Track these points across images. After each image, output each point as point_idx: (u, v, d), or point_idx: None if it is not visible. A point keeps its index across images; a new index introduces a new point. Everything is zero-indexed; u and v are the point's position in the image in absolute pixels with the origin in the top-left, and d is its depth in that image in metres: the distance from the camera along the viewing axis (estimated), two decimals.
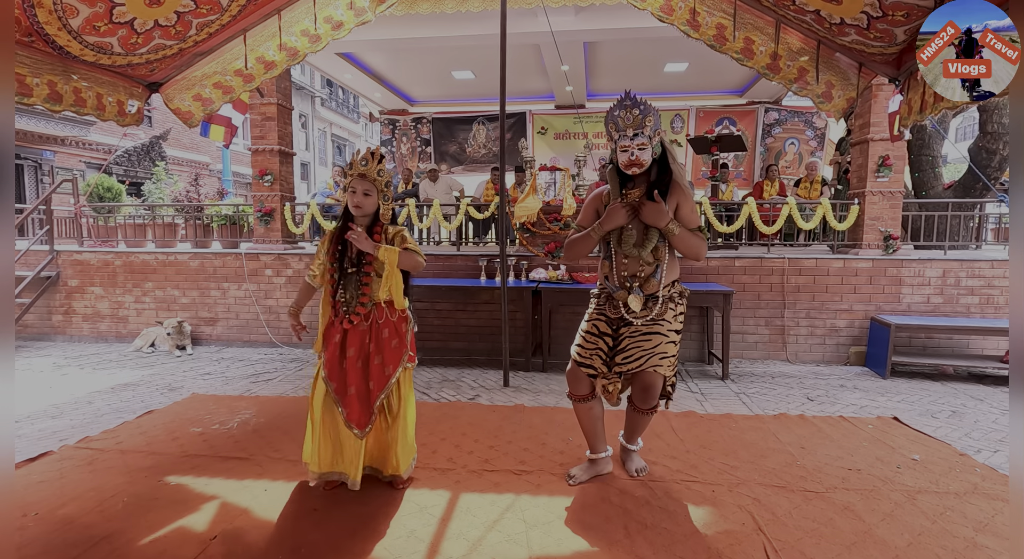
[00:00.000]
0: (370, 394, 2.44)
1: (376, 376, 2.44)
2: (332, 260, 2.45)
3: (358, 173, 2.39)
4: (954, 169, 16.20)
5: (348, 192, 2.41)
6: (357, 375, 2.44)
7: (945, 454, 3.05)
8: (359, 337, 2.45)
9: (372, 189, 2.41)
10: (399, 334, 2.50)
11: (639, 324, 2.42)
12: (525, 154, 6.50)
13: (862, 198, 5.47)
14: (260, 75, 3.72)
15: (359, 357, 2.45)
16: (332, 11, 3.58)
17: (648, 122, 2.34)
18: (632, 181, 2.44)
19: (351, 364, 2.43)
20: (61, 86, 3.03)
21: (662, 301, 2.41)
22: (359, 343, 2.45)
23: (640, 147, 2.33)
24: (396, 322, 2.51)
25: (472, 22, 6.80)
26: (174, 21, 3.17)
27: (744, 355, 5.40)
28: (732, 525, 2.29)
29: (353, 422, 2.41)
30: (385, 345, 2.46)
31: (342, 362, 2.44)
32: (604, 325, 2.51)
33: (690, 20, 3.44)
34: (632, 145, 2.33)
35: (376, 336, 2.46)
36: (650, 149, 2.35)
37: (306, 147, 23.78)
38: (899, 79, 3.17)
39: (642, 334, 2.42)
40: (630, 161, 2.35)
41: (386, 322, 2.47)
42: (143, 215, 6.84)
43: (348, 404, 2.41)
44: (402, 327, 2.52)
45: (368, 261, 2.40)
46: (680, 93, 10.46)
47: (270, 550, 2.10)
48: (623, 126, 2.36)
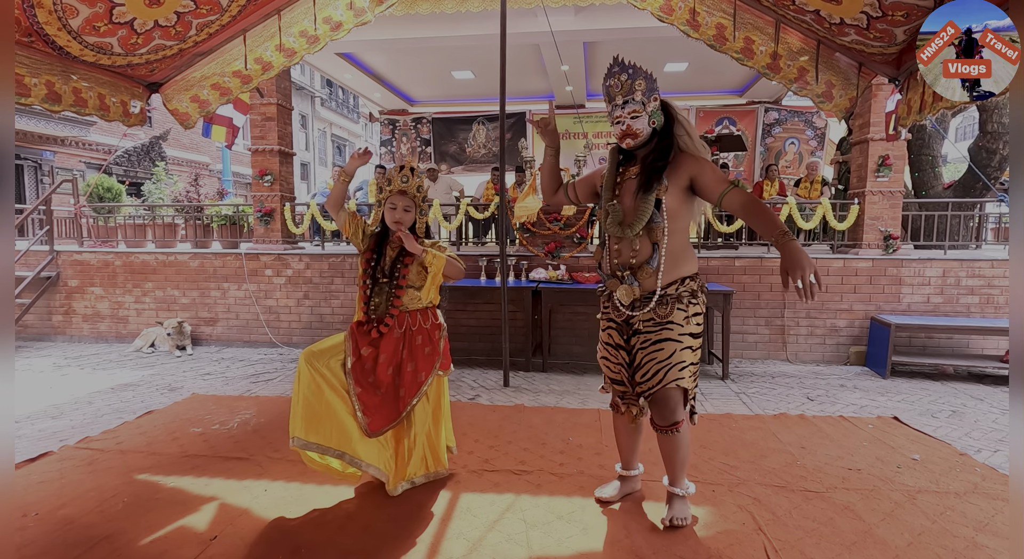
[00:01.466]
0: (399, 401, 2.42)
1: (408, 383, 2.43)
2: (365, 267, 2.46)
3: (398, 189, 2.41)
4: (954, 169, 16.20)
5: (387, 207, 2.43)
6: (388, 379, 2.42)
7: (945, 454, 3.05)
8: (393, 343, 2.44)
9: (412, 205, 2.45)
10: (432, 341, 2.51)
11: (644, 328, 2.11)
12: (525, 154, 6.50)
13: (862, 198, 5.47)
14: (258, 76, 3.72)
15: (390, 363, 2.43)
16: (331, 11, 3.58)
17: (638, 86, 2.05)
18: (633, 156, 2.18)
19: (382, 369, 2.41)
20: (60, 86, 3.03)
21: (668, 300, 2.07)
22: (392, 349, 2.43)
23: (632, 115, 2.06)
24: (429, 329, 2.52)
25: (472, 22, 6.80)
26: (174, 21, 3.17)
27: (744, 355, 5.40)
28: (732, 525, 2.29)
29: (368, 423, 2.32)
30: (418, 352, 2.46)
31: (374, 366, 2.41)
32: (616, 334, 2.23)
33: (690, 20, 3.44)
34: (623, 114, 2.08)
35: (409, 343, 2.46)
36: (645, 116, 2.07)
37: (306, 147, 23.77)
38: (899, 79, 3.17)
39: (652, 344, 2.09)
40: (623, 132, 2.09)
41: (419, 329, 2.48)
42: (143, 215, 6.84)
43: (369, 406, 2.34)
44: (435, 334, 2.53)
45: (403, 274, 2.42)
46: (680, 93, 10.45)
47: (270, 550, 2.10)
48: (613, 94, 2.11)
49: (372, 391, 2.38)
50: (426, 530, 2.24)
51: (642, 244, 2.08)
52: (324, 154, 25.94)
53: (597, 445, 3.13)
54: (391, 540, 2.17)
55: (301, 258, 5.93)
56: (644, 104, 2.07)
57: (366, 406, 2.35)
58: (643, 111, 2.08)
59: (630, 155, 2.20)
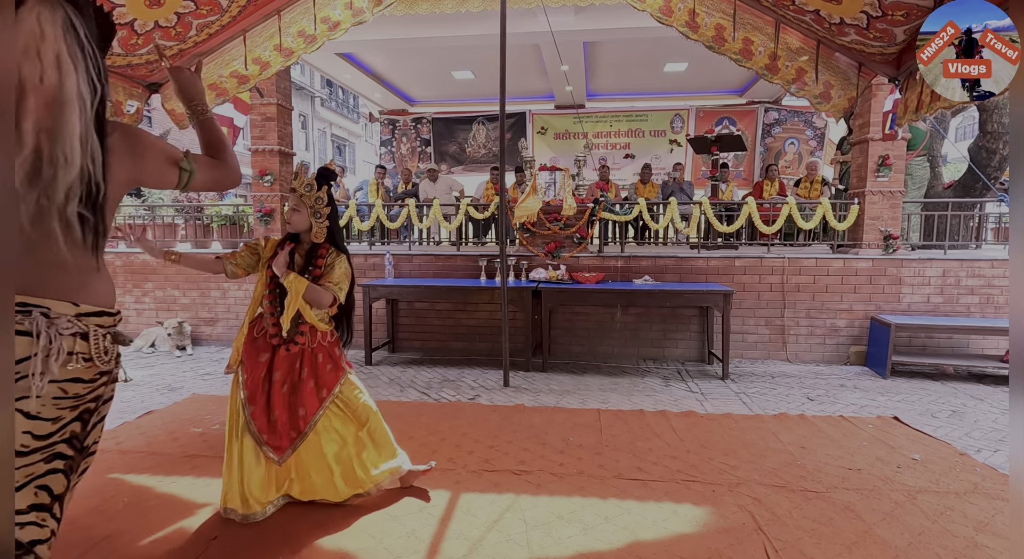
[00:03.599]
0: (298, 420, 2.31)
1: (309, 401, 2.31)
2: (271, 276, 2.29)
3: (290, 187, 2.30)
4: (954, 169, 16.19)
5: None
6: (282, 401, 2.30)
7: (945, 454, 3.05)
8: (288, 361, 2.31)
9: (300, 205, 2.28)
10: (333, 359, 2.40)
11: None
12: (525, 154, 6.49)
13: (862, 198, 5.47)
14: (255, 76, 3.73)
15: (285, 382, 2.31)
16: (330, 11, 3.59)
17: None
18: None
19: (276, 388, 2.29)
20: None
21: None
22: (287, 367, 2.31)
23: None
24: (329, 346, 2.40)
25: (472, 22, 6.80)
26: (174, 22, 3.17)
27: (744, 355, 5.40)
28: (732, 525, 2.29)
29: (272, 447, 2.27)
30: (320, 369, 2.35)
31: (265, 385, 2.29)
32: None
33: (689, 21, 3.44)
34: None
35: (310, 361, 2.34)
36: None
37: (306, 147, 23.77)
38: (899, 79, 3.18)
39: None
40: None
41: (319, 347, 2.36)
42: (143, 215, 6.84)
43: (266, 430, 2.27)
44: (335, 351, 2.42)
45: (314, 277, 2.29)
46: (680, 93, 10.46)
47: (270, 550, 2.10)
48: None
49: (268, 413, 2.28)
50: (426, 530, 2.24)
51: None
52: (324, 154, 25.95)
53: (597, 445, 3.13)
54: (391, 540, 2.17)
55: None
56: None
57: (261, 427, 2.26)
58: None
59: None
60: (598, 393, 4.23)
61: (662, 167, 10.20)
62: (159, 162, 1.32)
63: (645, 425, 3.46)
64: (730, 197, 7.44)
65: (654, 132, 10.61)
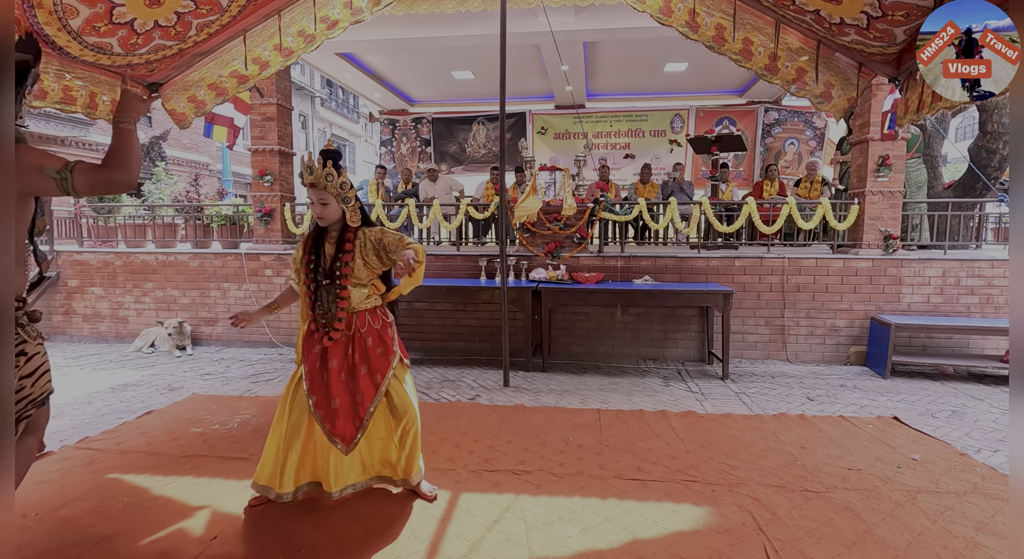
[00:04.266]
0: (358, 407, 2.31)
1: (364, 387, 2.32)
2: (306, 272, 2.32)
3: (308, 183, 2.25)
4: (954, 169, 16.19)
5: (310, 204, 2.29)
6: (341, 388, 2.31)
7: (945, 454, 3.05)
8: (341, 348, 2.33)
9: (327, 197, 2.25)
10: (384, 342, 2.38)
11: None
12: (525, 154, 6.49)
13: (862, 198, 5.47)
14: (255, 76, 3.72)
15: (342, 369, 2.32)
16: (329, 11, 3.58)
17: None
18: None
19: (334, 376, 2.30)
20: (48, 84, 3.01)
21: None
22: (341, 354, 2.33)
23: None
24: (380, 329, 2.39)
25: (472, 22, 6.80)
26: (174, 22, 3.17)
27: (744, 355, 5.40)
28: (732, 525, 2.29)
29: (338, 436, 2.27)
30: (371, 354, 2.34)
31: (323, 374, 2.31)
32: None
33: (689, 21, 3.44)
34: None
35: (360, 346, 2.34)
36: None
37: (306, 147, 23.75)
38: (899, 79, 3.17)
39: None
40: None
41: (369, 330, 2.36)
42: (143, 215, 6.84)
43: (330, 418, 2.28)
44: (387, 333, 2.41)
45: (344, 272, 2.27)
46: (680, 93, 10.46)
47: (270, 550, 2.10)
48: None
49: (328, 401, 2.29)
50: (426, 530, 2.24)
51: None
52: None
53: (597, 445, 3.13)
54: (391, 540, 2.17)
55: None
56: None
57: (325, 417, 2.27)
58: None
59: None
60: (598, 393, 4.22)
61: (662, 167, 10.20)
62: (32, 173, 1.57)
63: (645, 425, 3.46)
64: (730, 197, 7.44)
65: (654, 132, 10.61)
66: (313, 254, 2.33)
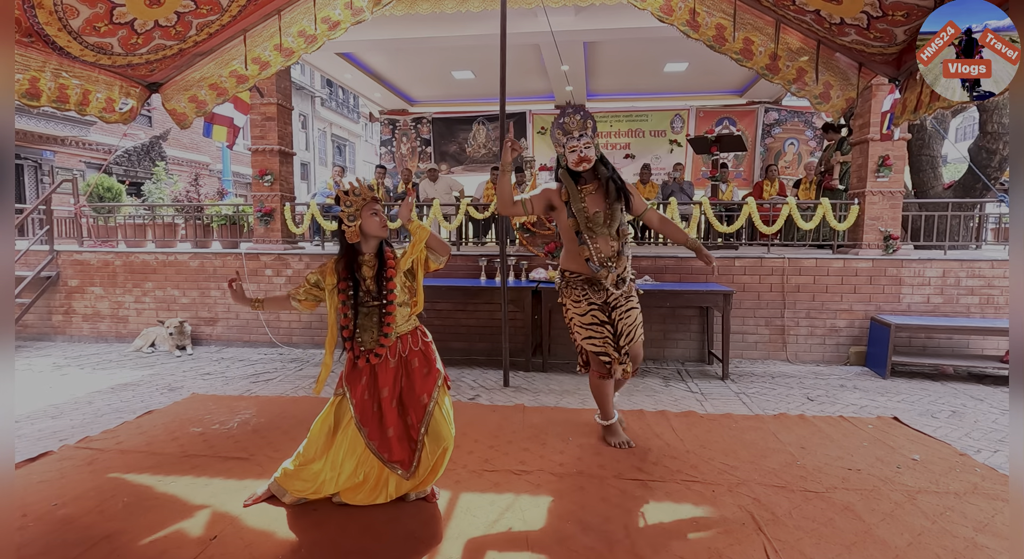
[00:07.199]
0: (410, 430, 2.32)
1: (414, 409, 2.32)
2: (343, 299, 2.27)
3: (371, 197, 2.28)
4: (954, 169, 16.20)
5: (367, 217, 2.25)
6: (394, 415, 2.30)
7: (945, 454, 3.05)
8: (391, 375, 2.31)
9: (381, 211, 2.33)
10: (428, 361, 2.39)
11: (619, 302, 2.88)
12: (525, 154, 6.50)
13: (862, 198, 5.47)
14: (255, 76, 3.72)
15: (393, 396, 2.32)
16: (330, 11, 3.58)
17: (589, 124, 2.78)
18: (581, 177, 2.87)
19: (387, 405, 2.30)
20: (44, 83, 3.00)
21: (629, 279, 2.91)
22: (392, 381, 2.32)
23: (586, 146, 2.76)
24: (423, 349, 2.40)
25: (472, 22, 6.80)
26: (174, 22, 3.17)
27: (744, 355, 5.40)
28: (732, 525, 2.29)
29: (397, 463, 2.29)
30: (416, 375, 2.35)
31: (374, 405, 2.30)
32: (600, 313, 2.90)
33: (690, 21, 3.44)
34: (579, 145, 2.76)
35: (407, 369, 2.35)
36: (594, 147, 2.79)
37: (306, 147, 23.77)
38: (899, 79, 3.17)
39: (625, 311, 2.89)
40: (580, 158, 2.77)
41: (412, 353, 2.36)
42: (143, 215, 6.84)
43: (386, 448, 2.28)
44: (430, 351, 2.41)
45: (389, 288, 2.26)
46: (680, 93, 10.47)
47: (270, 550, 2.10)
48: (569, 129, 2.79)
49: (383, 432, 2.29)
50: (426, 530, 2.24)
51: (614, 241, 2.84)
52: (324, 154, 25.94)
53: (597, 445, 3.13)
54: (391, 540, 2.16)
55: (301, 258, 5.93)
56: (592, 138, 2.79)
57: (381, 447, 2.29)
58: (592, 143, 2.79)
59: (578, 176, 2.87)
60: None
61: (662, 167, 10.21)
62: None
63: (645, 425, 3.46)
64: (730, 197, 7.45)
65: (654, 132, 10.61)
66: (349, 280, 2.27)
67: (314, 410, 3.70)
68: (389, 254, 2.33)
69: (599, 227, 2.79)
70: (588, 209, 2.82)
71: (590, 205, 2.83)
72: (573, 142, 2.77)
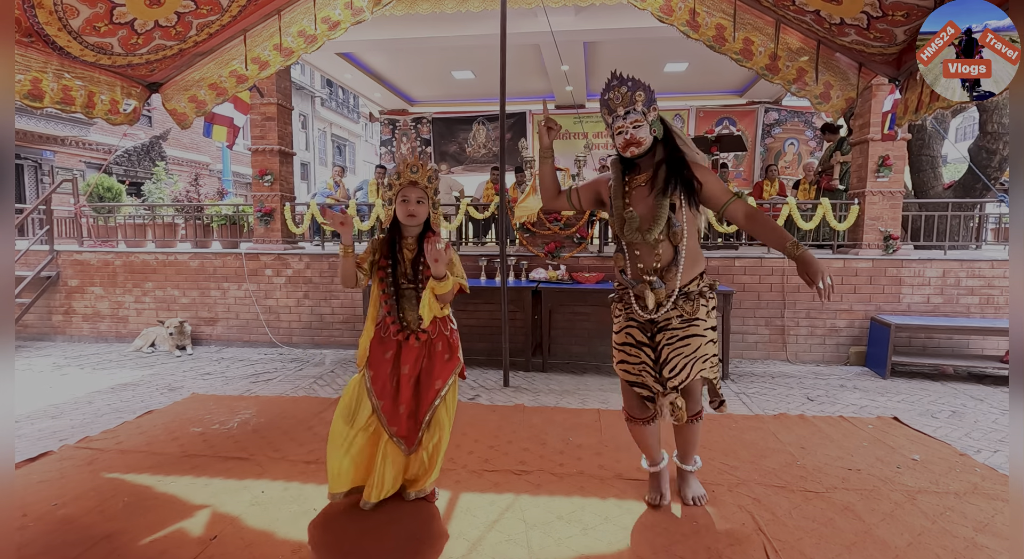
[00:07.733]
0: (419, 411, 2.34)
1: (425, 391, 2.34)
2: (382, 276, 2.29)
3: (409, 181, 2.25)
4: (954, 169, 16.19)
5: (399, 201, 2.24)
6: (409, 392, 2.33)
7: (945, 454, 3.05)
8: (415, 353, 2.34)
9: (424, 197, 2.26)
10: (451, 347, 2.42)
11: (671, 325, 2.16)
12: (525, 154, 6.49)
13: (862, 198, 5.47)
14: (255, 76, 3.72)
15: (413, 375, 2.34)
16: (330, 11, 3.58)
17: (638, 97, 2.10)
18: (636, 165, 2.22)
19: (405, 381, 2.32)
20: (47, 84, 3.00)
21: (693, 297, 2.14)
22: (414, 359, 2.34)
23: (634, 124, 2.10)
24: (449, 335, 2.41)
25: (472, 22, 6.80)
26: (174, 22, 3.17)
27: (744, 355, 5.40)
28: (732, 525, 2.29)
29: (402, 438, 2.31)
30: (438, 359, 2.37)
31: (393, 380, 2.33)
32: (638, 332, 2.25)
33: (690, 21, 3.44)
34: (626, 124, 2.11)
35: (431, 351, 2.37)
36: (647, 126, 2.11)
37: (306, 147, 23.76)
38: (899, 79, 3.17)
39: (680, 339, 2.15)
40: (626, 141, 2.12)
41: (439, 336, 2.39)
42: (143, 215, 6.84)
43: (396, 421, 2.31)
44: (454, 338, 2.44)
45: (426, 275, 2.24)
46: (680, 93, 10.46)
47: (270, 550, 2.10)
48: (614, 106, 2.14)
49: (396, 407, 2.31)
50: (426, 530, 2.24)
51: (663, 248, 2.14)
52: (324, 154, 25.94)
53: (597, 445, 3.13)
54: (391, 540, 2.16)
55: (301, 258, 5.93)
56: (645, 114, 2.12)
57: (391, 420, 2.29)
58: (644, 121, 2.12)
59: (632, 164, 2.23)
60: (598, 393, 4.23)
61: None
62: None
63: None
64: None
65: None
66: (390, 259, 2.30)
67: (314, 410, 3.72)
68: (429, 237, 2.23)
69: (632, 233, 2.13)
70: (630, 207, 2.17)
71: (635, 202, 2.17)
72: (620, 121, 2.12)
